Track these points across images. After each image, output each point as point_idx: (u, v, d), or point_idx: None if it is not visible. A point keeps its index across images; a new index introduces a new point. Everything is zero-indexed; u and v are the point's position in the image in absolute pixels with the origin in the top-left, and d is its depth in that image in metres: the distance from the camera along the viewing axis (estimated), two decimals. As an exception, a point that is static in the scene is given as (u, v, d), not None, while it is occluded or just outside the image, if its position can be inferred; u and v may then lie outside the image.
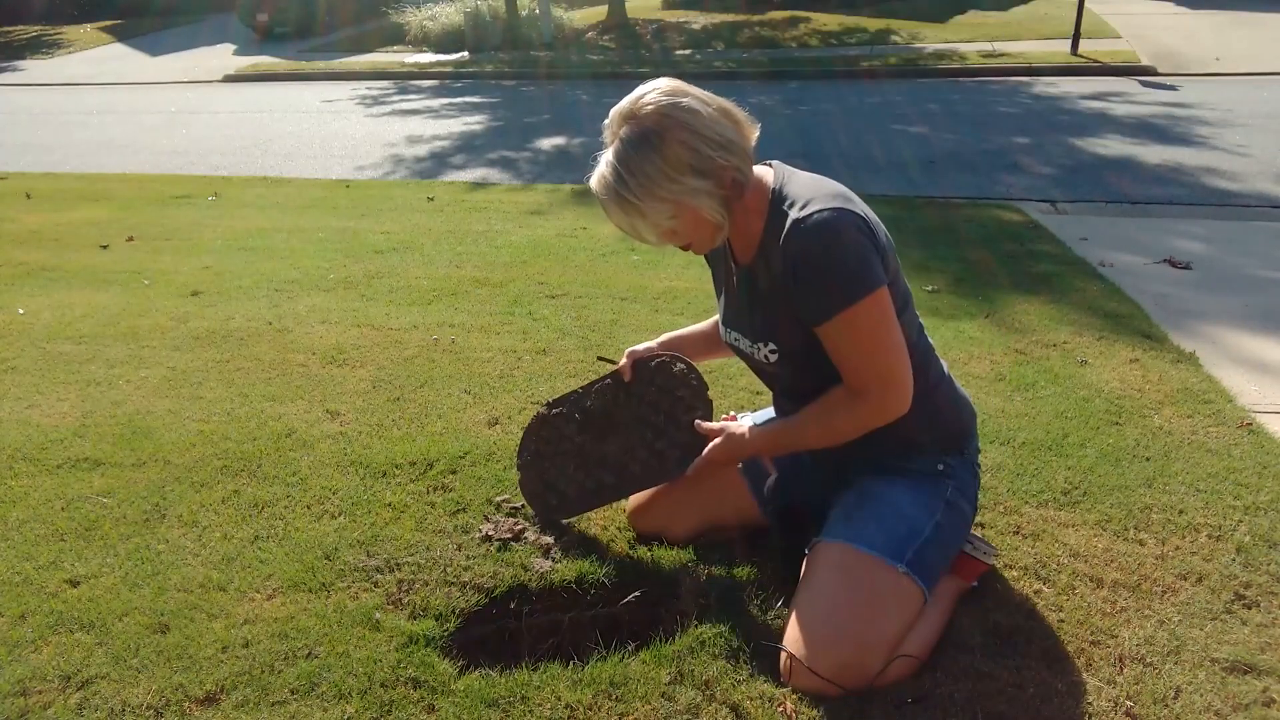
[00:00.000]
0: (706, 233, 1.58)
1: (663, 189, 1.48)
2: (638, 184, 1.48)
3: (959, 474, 1.74)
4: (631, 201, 1.49)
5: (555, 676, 1.62)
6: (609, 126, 1.53)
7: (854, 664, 1.54)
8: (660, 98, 1.49)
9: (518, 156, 7.67)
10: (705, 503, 1.97)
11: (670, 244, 1.62)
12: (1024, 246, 4.35)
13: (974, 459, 1.81)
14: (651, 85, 1.52)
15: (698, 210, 1.52)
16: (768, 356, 1.69)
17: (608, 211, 1.55)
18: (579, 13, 16.76)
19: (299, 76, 13.90)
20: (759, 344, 1.70)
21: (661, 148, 1.47)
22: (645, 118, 1.49)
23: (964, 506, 1.74)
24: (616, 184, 1.49)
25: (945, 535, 1.69)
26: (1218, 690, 1.56)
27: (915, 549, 1.63)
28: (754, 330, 1.71)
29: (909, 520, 1.66)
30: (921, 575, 1.62)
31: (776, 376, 1.78)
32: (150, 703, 1.59)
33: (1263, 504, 2.10)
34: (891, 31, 13.71)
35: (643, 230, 1.54)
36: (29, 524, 2.17)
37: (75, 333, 3.52)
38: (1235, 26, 12.55)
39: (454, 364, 3.08)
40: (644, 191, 1.48)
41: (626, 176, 1.48)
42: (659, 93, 1.50)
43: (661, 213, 1.51)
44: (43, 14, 22.47)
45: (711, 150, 1.49)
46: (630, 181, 1.48)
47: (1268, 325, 3.31)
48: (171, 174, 7.29)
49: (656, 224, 1.53)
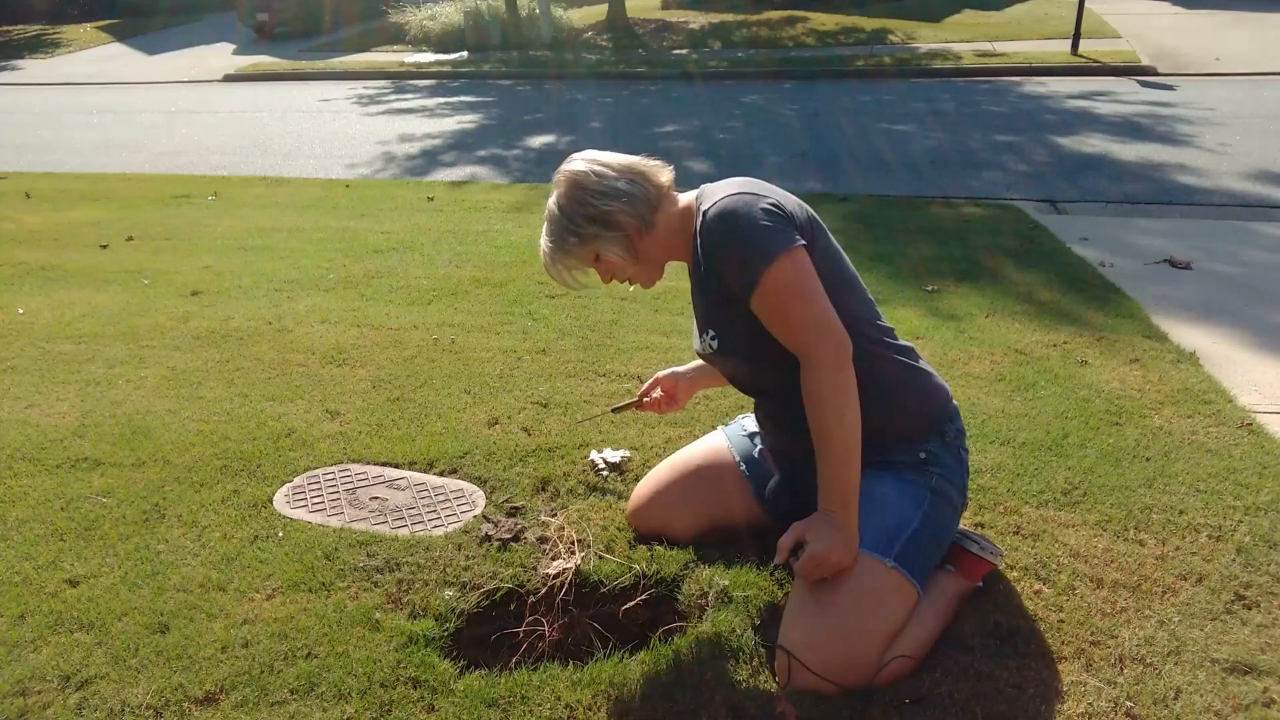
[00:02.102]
0: (622, 270, 1.79)
1: (569, 241, 1.74)
2: (554, 242, 1.76)
3: (942, 459, 1.74)
4: (557, 256, 1.76)
5: (555, 676, 1.62)
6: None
7: (848, 661, 1.54)
8: (567, 167, 1.77)
9: (508, 155, 7.68)
10: (707, 504, 1.97)
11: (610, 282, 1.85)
12: (1024, 246, 4.36)
13: (958, 442, 1.79)
14: (568, 159, 1.79)
15: (602, 253, 1.75)
16: (710, 345, 1.78)
17: (546, 272, 1.81)
18: (578, 12, 16.76)
19: (299, 76, 13.90)
20: (704, 335, 1.80)
21: (564, 206, 1.74)
22: (555, 187, 1.78)
23: (952, 494, 1.74)
24: (542, 246, 1.78)
25: (934, 527, 1.69)
26: (1218, 690, 1.56)
27: (903, 542, 1.63)
28: (700, 323, 1.84)
29: (896, 513, 1.66)
30: (911, 568, 1.62)
31: (728, 368, 1.85)
32: (150, 703, 1.59)
33: (1263, 504, 2.10)
34: (889, 31, 13.70)
35: (566, 276, 1.79)
36: (28, 524, 2.17)
37: (75, 332, 3.52)
38: (1236, 26, 12.55)
39: (454, 364, 3.08)
40: (559, 247, 1.75)
41: (546, 236, 1.77)
42: (568, 163, 1.78)
43: (577, 261, 1.77)
44: (43, 14, 22.46)
45: (600, 200, 1.72)
46: (549, 240, 1.76)
47: (1268, 325, 3.32)
48: (171, 174, 7.29)
49: (580, 269, 1.79)
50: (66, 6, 22.58)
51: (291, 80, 13.65)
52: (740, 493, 1.96)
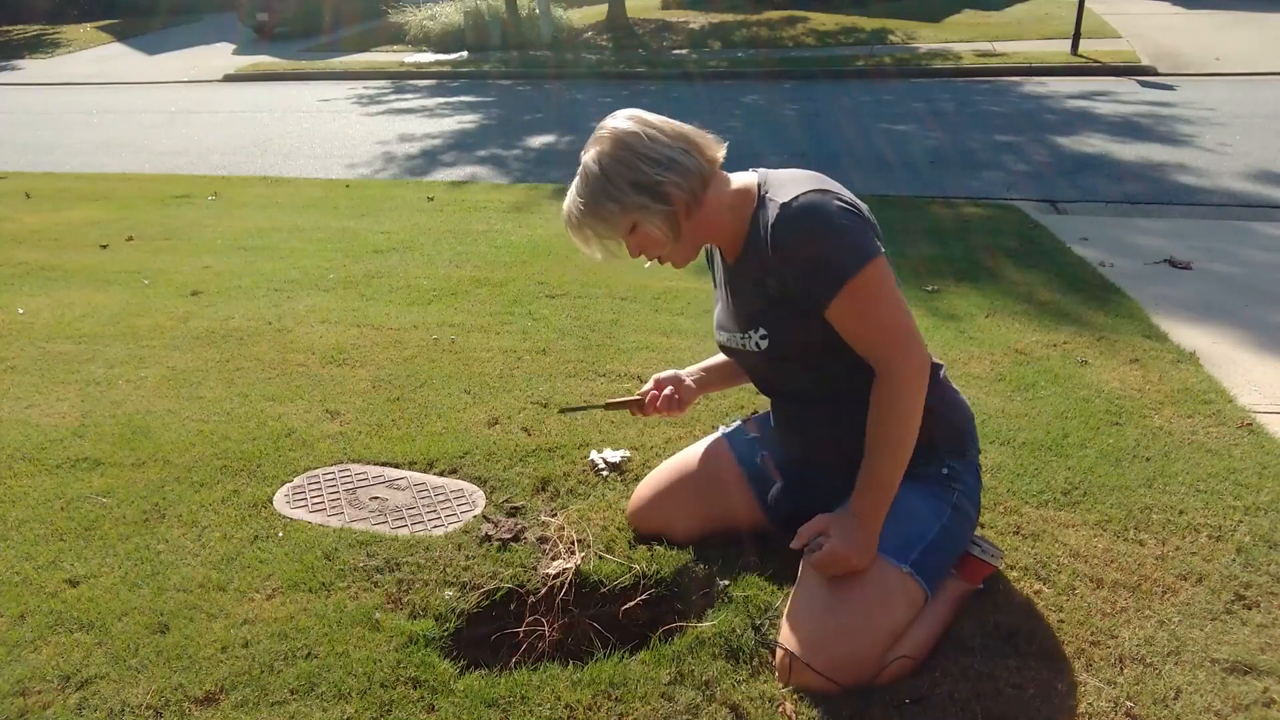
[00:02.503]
0: (656, 247, 1.67)
1: (606, 206, 1.59)
2: (587, 203, 1.61)
3: (964, 477, 1.75)
4: (584, 219, 1.62)
5: (555, 676, 1.62)
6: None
7: (852, 660, 1.54)
8: (612, 125, 1.62)
9: (508, 154, 7.68)
10: (708, 507, 1.96)
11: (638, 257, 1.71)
12: (1024, 246, 4.35)
13: (975, 460, 1.81)
14: (612, 116, 1.65)
15: (641, 224, 1.61)
16: (758, 344, 1.69)
17: (569, 234, 1.67)
18: (578, 12, 16.76)
19: (299, 76, 13.89)
20: (748, 332, 1.71)
21: (606, 166, 1.59)
22: (597, 142, 1.62)
23: (969, 510, 1.75)
24: (572, 205, 1.63)
25: (951, 539, 1.70)
26: (1218, 690, 1.56)
27: (921, 550, 1.64)
28: (741, 320, 1.72)
29: (917, 523, 1.66)
30: (925, 576, 1.63)
31: (768, 369, 1.77)
32: (150, 703, 1.59)
33: (1263, 504, 2.10)
34: (889, 31, 13.70)
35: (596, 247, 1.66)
36: (28, 524, 2.17)
37: (75, 332, 3.52)
38: (1236, 26, 12.54)
39: (454, 364, 3.08)
40: (591, 209, 1.61)
41: (579, 196, 1.62)
42: (613, 122, 1.62)
43: (609, 229, 1.63)
44: (43, 14, 22.45)
45: (649, 168, 1.58)
46: (581, 202, 1.61)
47: (1268, 325, 3.32)
48: (171, 174, 7.29)
49: (608, 238, 1.65)
50: (66, 6, 22.57)
51: (291, 80, 13.64)
52: (741, 497, 1.95)
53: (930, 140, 7.44)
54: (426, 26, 15.51)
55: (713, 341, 1.92)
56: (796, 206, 1.57)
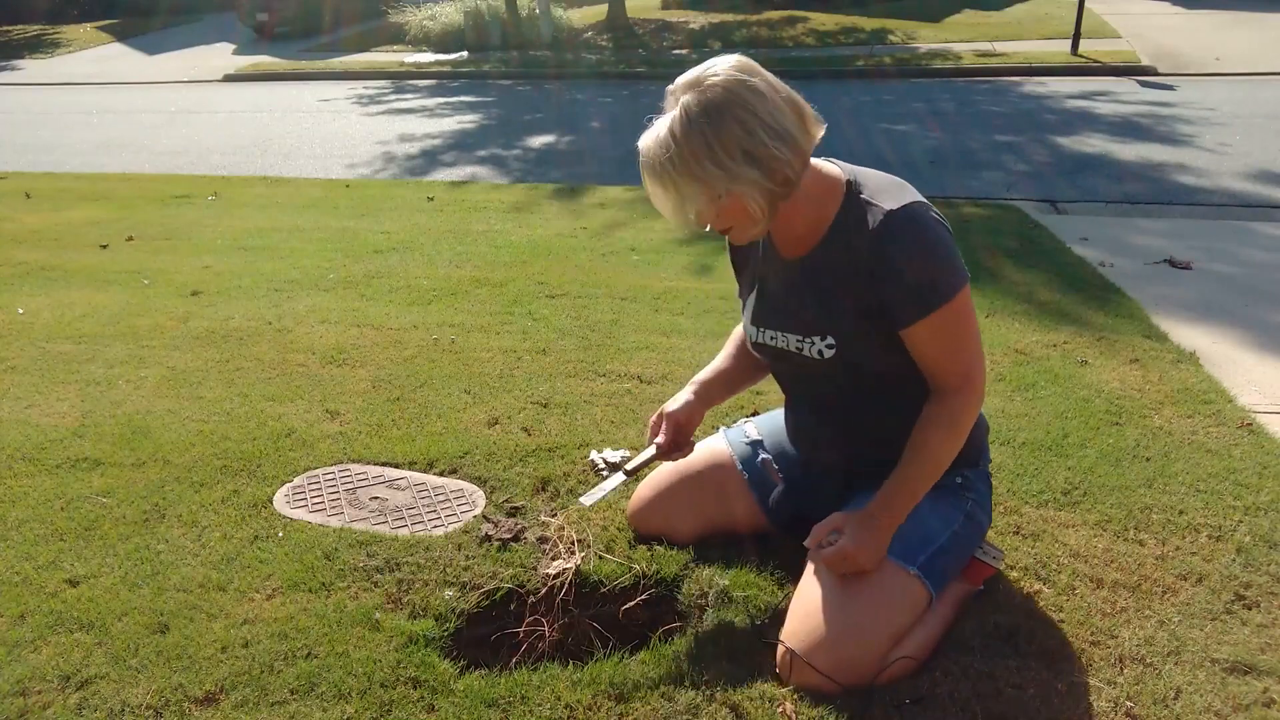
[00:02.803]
0: (744, 224, 1.49)
1: (707, 169, 1.39)
2: (683, 158, 1.39)
3: (976, 486, 1.75)
4: (672, 175, 1.41)
5: (555, 676, 1.62)
6: (672, 93, 1.44)
7: (854, 660, 1.54)
8: (729, 72, 1.40)
9: (508, 155, 7.68)
10: (709, 509, 1.95)
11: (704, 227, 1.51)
12: (1024, 246, 4.35)
13: (987, 469, 1.81)
14: (723, 59, 1.43)
15: (740, 199, 1.43)
16: (821, 352, 1.59)
17: (646, 180, 1.45)
18: (578, 12, 16.76)
19: (299, 76, 13.90)
20: (811, 338, 1.60)
21: (718, 124, 1.38)
22: (709, 89, 1.40)
23: (981, 518, 1.75)
24: (661, 153, 1.41)
25: (961, 544, 1.70)
26: (1218, 690, 1.56)
27: (929, 554, 1.63)
28: (802, 324, 1.62)
29: (926, 528, 1.66)
30: (932, 579, 1.63)
31: (818, 376, 1.67)
32: (150, 703, 1.59)
33: (1263, 504, 2.10)
34: (889, 31, 13.70)
35: (674, 208, 1.44)
36: (28, 524, 2.17)
37: (75, 333, 3.52)
38: (1236, 26, 12.54)
39: (454, 364, 3.08)
40: (688, 167, 1.39)
41: (674, 147, 1.40)
42: (729, 67, 1.41)
43: (699, 193, 1.41)
44: (43, 14, 22.45)
45: (768, 138, 1.40)
46: (676, 154, 1.39)
47: (1268, 325, 3.32)
48: (171, 174, 7.29)
49: (692, 203, 1.43)
50: (66, 6, 22.57)
51: (291, 80, 13.65)
52: (742, 499, 1.94)
53: (930, 140, 7.44)
54: (426, 26, 15.51)
55: (713, 342, 1.91)
56: (904, 216, 1.47)
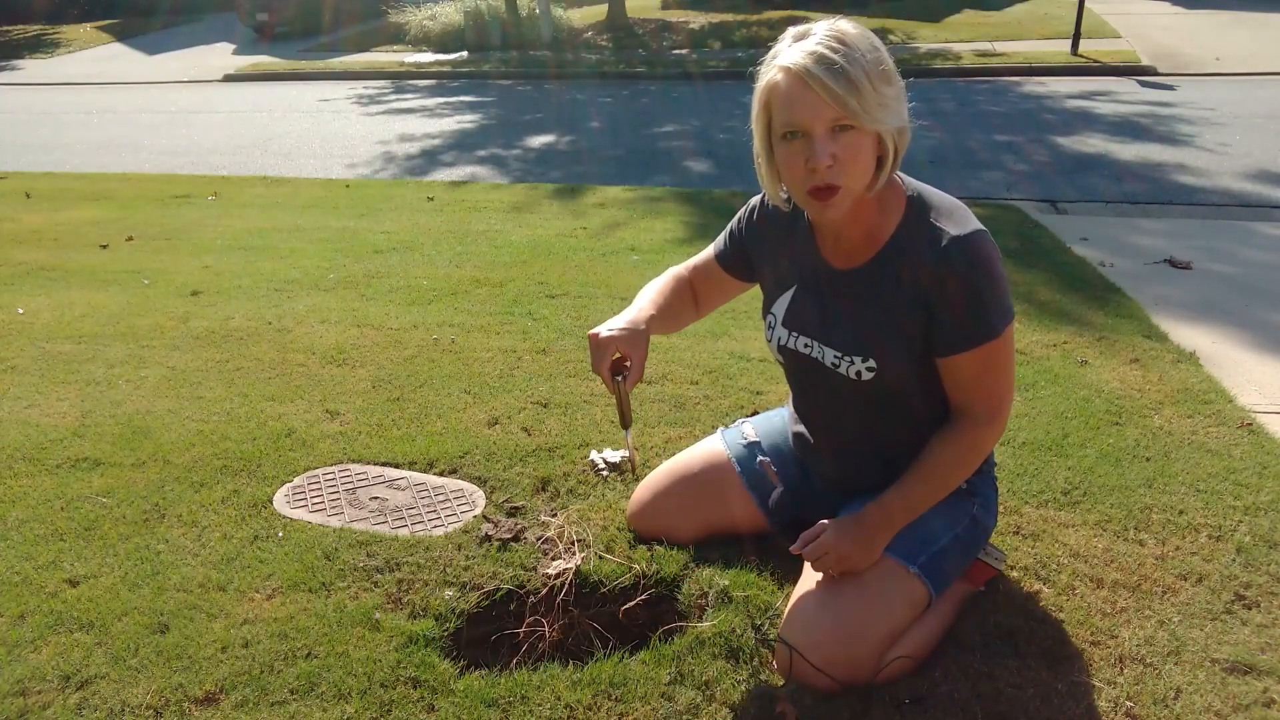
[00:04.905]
0: (858, 173, 1.38)
1: (894, 84, 1.35)
2: (886, 59, 1.34)
3: (982, 490, 1.74)
4: (870, 75, 1.31)
5: (555, 676, 1.62)
6: (791, 34, 1.38)
7: (853, 658, 1.54)
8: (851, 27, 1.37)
9: (508, 155, 7.68)
10: (707, 510, 1.95)
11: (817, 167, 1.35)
12: (1024, 246, 4.35)
13: (991, 473, 1.80)
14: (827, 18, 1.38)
15: (867, 138, 1.35)
16: (860, 373, 1.54)
17: (825, 78, 1.30)
18: (578, 12, 16.76)
19: (299, 76, 13.89)
20: (851, 358, 1.55)
21: (886, 56, 1.35)
22: (836, 33, 1.34)
23: (986, 521, 1.75)
24: (868, 49, 1.33)
25: (964, 546, 1.69)
26: (1218, 690, 1.56)
27: (930, 554, 1.63)
28: (846, 341, 1.56)
29: (929, 528, 1.65)
30: (933, 579, 1.62)
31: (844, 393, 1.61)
32: (150, 703, 1.59)
33: (1263, 504, 2.10)
34: (889, 31, 13.70)
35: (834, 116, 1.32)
36: (29, 524, 2.17)
37: (75, 332, 3.52)
38: (1236, 26, 12.54)
39: (454, 364, 3.08)
40: (889, 75, 1.34)
41: (879, 50, 1.35)
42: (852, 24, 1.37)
43: (876, 105, 1.32)
44: (43, 14, 22.45)
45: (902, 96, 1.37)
46: (882, 55, 1.34)
47: (1268, 325, 3.32)
48: (171, 174, 7.29)
49: (853, 97, 1.31)
50: (66, 6, 22.56)
51: (291, 80, 13.64)
52: (741, 502, 1.93)
53: (930, 140, 7.43)
54: (426, 26, 15.51)
55: (713, 342, 1.92)
56: (972, 243, 1.43)
